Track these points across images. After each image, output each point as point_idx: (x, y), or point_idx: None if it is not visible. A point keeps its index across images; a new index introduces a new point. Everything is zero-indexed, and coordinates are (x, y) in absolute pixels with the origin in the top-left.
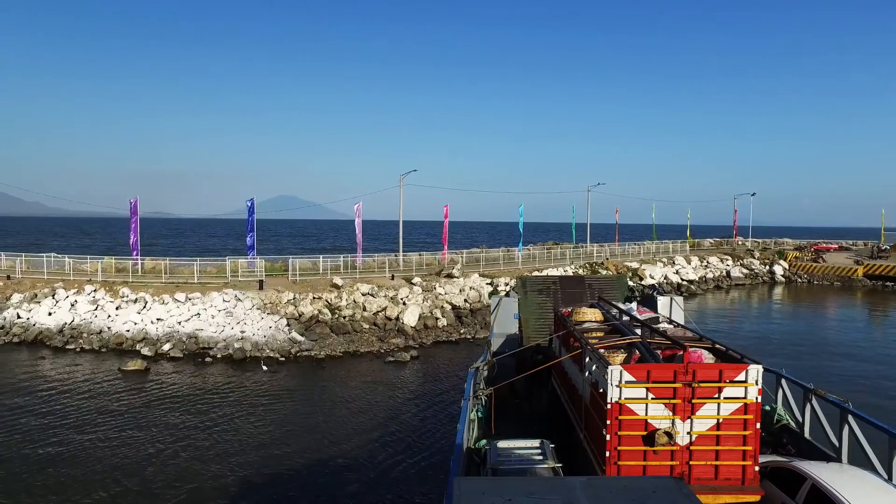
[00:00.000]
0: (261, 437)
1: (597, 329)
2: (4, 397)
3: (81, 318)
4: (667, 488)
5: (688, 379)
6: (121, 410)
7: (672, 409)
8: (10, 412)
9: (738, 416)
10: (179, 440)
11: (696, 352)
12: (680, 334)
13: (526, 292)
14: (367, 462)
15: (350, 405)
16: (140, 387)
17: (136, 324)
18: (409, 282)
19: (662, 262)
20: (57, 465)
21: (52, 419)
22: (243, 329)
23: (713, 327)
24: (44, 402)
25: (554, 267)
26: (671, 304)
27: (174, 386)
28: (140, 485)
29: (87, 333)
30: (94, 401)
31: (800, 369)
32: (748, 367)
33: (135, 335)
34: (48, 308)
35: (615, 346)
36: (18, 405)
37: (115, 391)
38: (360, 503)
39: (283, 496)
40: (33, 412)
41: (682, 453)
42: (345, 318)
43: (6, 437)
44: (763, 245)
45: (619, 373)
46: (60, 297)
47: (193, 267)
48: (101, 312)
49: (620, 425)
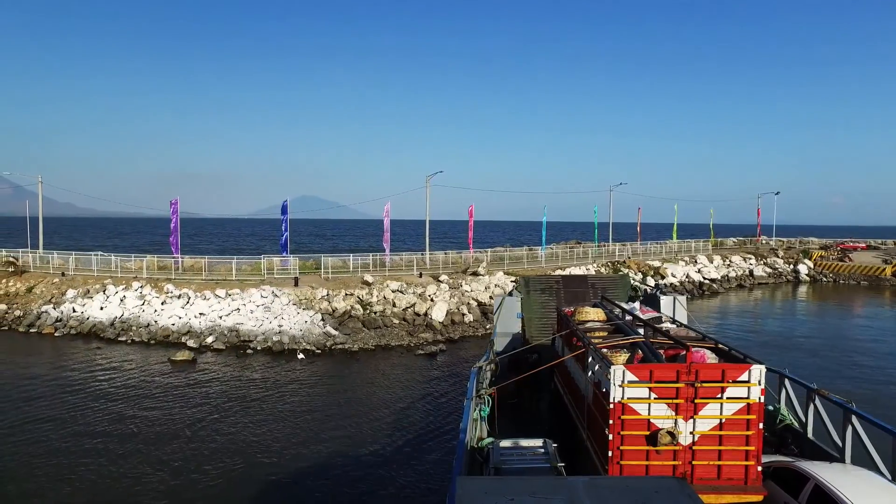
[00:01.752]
0: (287, 422)
1: (599, 328)
2: (71, 381)
3: (130, 313)
4: (669, 488)
5: (690, 379)
6: (174, 395)
7: (675, 409)
8: (76, 394)
9: (741, 416)
10: (221, 419)
11: (698, 351)
12: (683, 334)
13: (529, 291)
14: (384, 453)
15: (378, 395)
16: (189, 375)
17: (181, 318)
18: (437, 279)
19: (684, 261)
20: (128, 441)
21: (116, 402)
22: (281, 323)
23: (734, 325)
24: (106, 386)
25: (576, 265)
26: (674, 304)
27: (219, 375)
28: (192, 454)
29: (136, 326)
30: (149, 386)
31: (818, 368)
32: (751, 367)
33: (180, 328)
34: (100, 303)
35: (618, 346)
36: (84, 388)
37: (167, 379)
38: (376, 495)
39: (297, 481)
40: (100, 395)
41: (684, 453)
42: (376, 314)
43: (77, 415)
44: (787, 244)
45: (622, 372)
46: (111, 293)
47: (230, 265)
48: (148, 307)
49: (623, 425)
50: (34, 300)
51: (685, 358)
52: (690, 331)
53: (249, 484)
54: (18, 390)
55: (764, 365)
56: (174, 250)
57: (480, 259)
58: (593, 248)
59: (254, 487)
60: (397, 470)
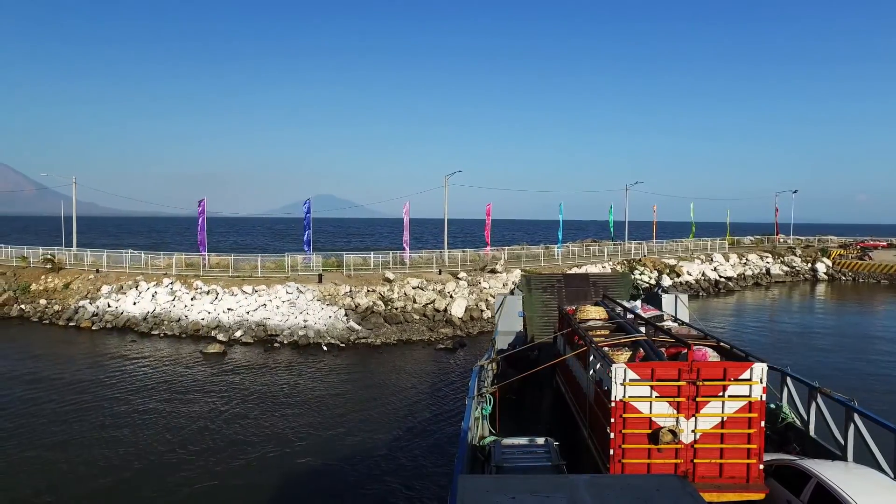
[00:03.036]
0: (307, 413)
1: (601, 327)
2: (110, 372)
3: (162, 308)
4: (671, 486)
5: (692, 377)
6: (207, 384)
7: (676, 408)
8: (116, 384)
9: (743, 414)
10: (252, 408)
11: (700, 350)
12: (684, 332)
13: (530, 290)
14: (393, 447)
15: (396, 389)
16: (220, 366)
17: (210, 313)
18: (456, 276)
19: (700, 260)
20: (165, 426)
21: (153, 391)
22: (306, 318)
23: (749, 323)
24: (144, 377)
25: (592, 263)
26: (676, 302)
27: (248, 366)
28: (225, 438)
29: (167, 321)
30: (184, 377)
31: (831, 367)
32: (753, 366)
33: (209, 323)
34: (133, 298)
35: (619, 344)
36: (123, 378)
37: (200, 370)
38: (378, 494)
39: (305, 471)
40: (139, 385)
41: (686, 451)
42: (397, 310)
43: (118, 402)
44: (805, 242)
45: (624, 371)
46: (143, 289)
47: (255, 262)
48: (179, 302)
49: (625, 423)
50: (71, 295)
51: (687, 356)
52: (692, 329)
53: (261, 470)
54: (62, 380)
55: (765, 363)
56: (201, 248)
57: (498, 257)
58: (609, 247)
59: (265, 474)
60: (404, 466)
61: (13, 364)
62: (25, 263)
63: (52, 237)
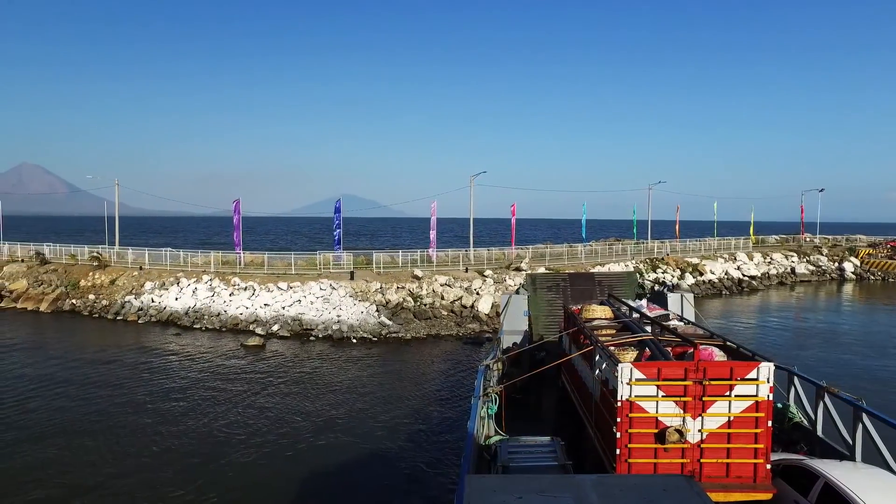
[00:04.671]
0: (334, 404)
1: (606, 326)
2: (158, 362)
3: (202, 303)
4: (677, 486)
5: (698, 376)
6: (249, 374)
7: (683, 407)
8: (165, 373)
9: (750, 413)
10: (287, 394)
11: (706, 349)
12: (691, 332)
13: (536, 289)
14: (407, 443)
15: (421, 381)
16: (260, 358)
17: (248, 308)
18: (482, 274)
19: (723, 259)
20: (210, 412)
21: (200, 380)
22: (339, 313)
23: (773, 323)
24: (190, 367)
25: (615, 262)
26: (682, 302)
27: (286, 358)
28: (267, 421)
29: (207, 315)
30: (227, 367)
31: (850, 367)
32: (759, 365)
33: (247, 317)
34: (175, 294)
35: (625, 344)
36: (171, 369)
37: (242, 361)
38: (382, 493)
39: (320, 460)
40: (185, 374)
41: (692, 451)
42: (426, 306)
43: (167, 389)
44: (833, 241)
45: (630, 370)
46: (184, 285)
47: (288, 260)
48: (218, 298)
49: (631, 423)
50: (117, 291)
51: (693, 356)
52: (698, 328)
53: (294, 455)
54: (115, 367)
55: (772, 362)
56: (236, 246)
57: (523, 255)
58: (632, 245)
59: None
60: (419, 461)
61: (70, 353)
62: (74, 261)
63: (81, 236)
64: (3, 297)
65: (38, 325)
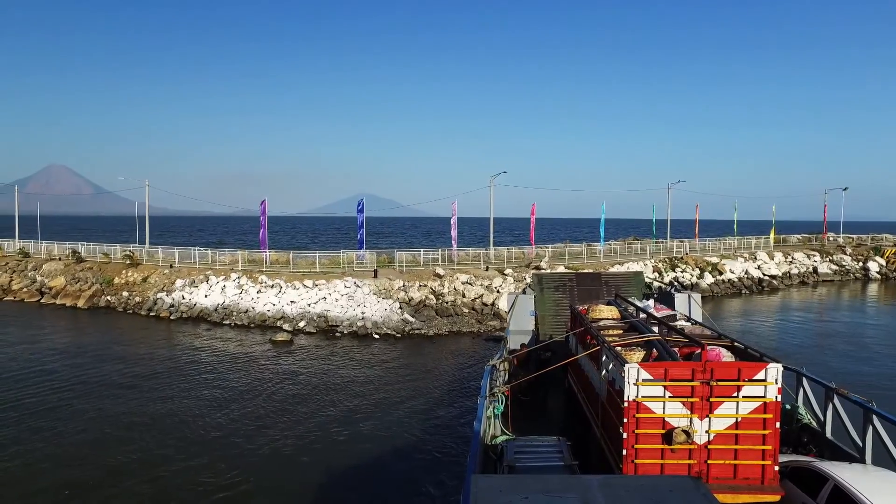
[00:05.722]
0: (364, 391)
1: (613, 326)
2: (192, 354)
3: (231, 300)
4: (684, 487)
5: (706, 377)
6: (278, 367)
7: (690, 408)
8: (199, 363)
9: (758, 414)
10: (314, 386)
11: (714, 350)
12: (698, 332)
13: (542, 289)
14: (419, 440)
15: (444, 375)
16: (288, 352)
17: (275, 305)
18: (502, 272)
19: (743, 258)
20: (242, 403)
21: (231, 373)
22: (363, 310)
23: (795, 323)
24: (222, 361)
25: (634, 261)
26: (689, 302)
27: (313, 353)
28: (298, 411)
29: (236, 312)
30: (257, 361)
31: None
32: (767, 366)
33: (275, 314)
34: (204, 291)
35: (632, 344)
36: (203, 359)
37: (271, 355)
38: (387, 491)
39: (349, 450)
40: (217, 368)
41: (700, 452)
42: (448, 303)
43: (200, 380)
44: (857, 241)
45: (636, 370)
46: (213, 283)
47: (312, 258)
48: (246, 295)
49: (637, 423)
50: (149, 288)
51: (700, 356)
52: (706, 329)
53: (319, 444)
54: (148, 364)
55: (780, 363)
56: (262, 245)
57: (542, 254)
58: (651, 245)
59: (320, 447)
60: (434, 457)
61: (108, 347)
62: (108, 259)
63: (103, 235)
64: (44, 293)
65: (77, 321)
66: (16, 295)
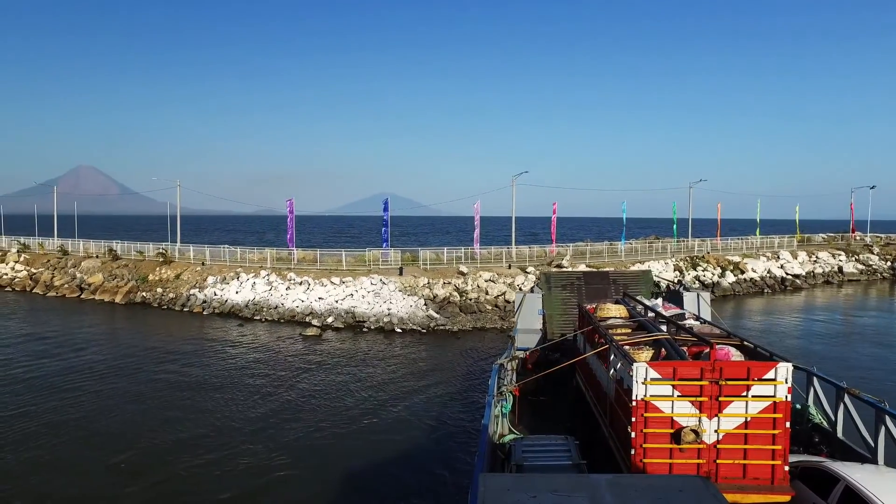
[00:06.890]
0: (379, 388)
1: (622, 325)
2: (225, 349)
3: (260, 296)
4: (693, 487)
5: (715, 376)
6: (310, 361)
7: (699, 407)
8: (233, 356)
9: (767, 414)
10: (343, 380)
11: (723, 349)
12: (707, 331)
13: (550, 288)
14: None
15: (466, 370)
16: (317, 346)
17: (304, 301)
18: (524, 270)
19: (766, 257)
20: (274, 395)
21: (265, 366)
22: (389, 307)
23: (819, 322)
24: (257, 354)
25: (655, 260)
26: (698, 300)
27: (342, 347)
28: (313, 397)
29: (266, 308)
30: (289, 353)
31: None
32: (777, 365)
33: (303, 310)
34: (235, 288)
35: (640, 343)
36: (237, 353)
37: (302, 349)
38: (390, 491)
39: (366, 441)
40: (253, 360)
41: (709, 452)
42: (471, 300)
43: (234, 372)
44: (886, 240)
45: (645, 370)
46: (243, 280)
47: (338, 256)
48: (275, 292)
49: (646, 423)
50: (182, 285)
51: (709, 355)
52: (715, 328)
53: (344, 436)
54: (185, 357)
55: (791, 363)
56: (290, 243)
57: (563, 253)
58: (672, 244)
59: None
60: (439, 459)
61: (143, 340)
62: (142, 257)
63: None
64: (83, 289)
65: (115, 315)
66: (58, 290)
